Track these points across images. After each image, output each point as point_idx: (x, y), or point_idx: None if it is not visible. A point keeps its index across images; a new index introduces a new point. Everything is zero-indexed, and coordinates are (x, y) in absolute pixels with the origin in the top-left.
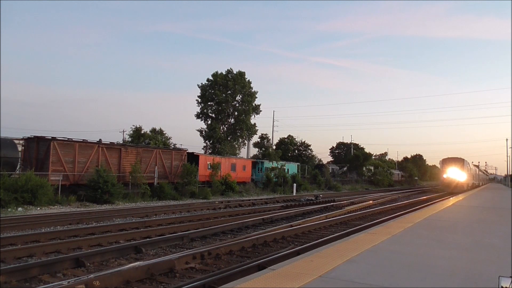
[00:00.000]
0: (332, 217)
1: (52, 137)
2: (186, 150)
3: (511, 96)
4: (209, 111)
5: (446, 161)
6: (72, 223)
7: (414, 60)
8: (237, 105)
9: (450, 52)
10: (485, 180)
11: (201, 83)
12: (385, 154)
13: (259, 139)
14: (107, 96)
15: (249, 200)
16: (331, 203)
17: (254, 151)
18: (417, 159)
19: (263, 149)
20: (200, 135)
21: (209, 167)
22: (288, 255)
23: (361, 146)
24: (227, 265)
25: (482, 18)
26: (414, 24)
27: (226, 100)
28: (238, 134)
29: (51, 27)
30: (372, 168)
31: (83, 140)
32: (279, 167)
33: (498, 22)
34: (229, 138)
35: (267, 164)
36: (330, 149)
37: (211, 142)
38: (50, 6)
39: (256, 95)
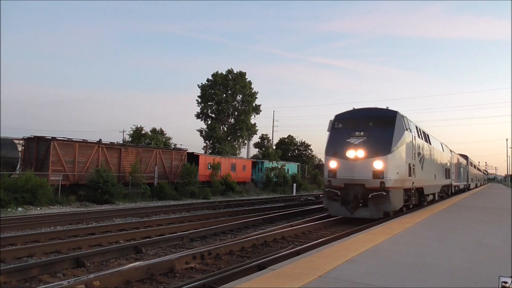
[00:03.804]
0: (332, 217)
1: (52, 137)
2: (186, 150)
3: (511, 96)
4: (209, 111)
5: (342, 121)
6: (72, 223)
7: (413, 60)
8: (237, 105)
9: (450, 52)
10: (483, 180)
11: (201, 83)
12: None
13: (259, 139)
14: (107, 96)
15: (249, 200)
16: None
17: (254, 151)
18: None
19: (263, 149)
20: (200, 135)
21: (209, 167)
22: (288, 255)
23: None
24: (227, 265)
25: (481, 18)
26: (413, 24)
27: (226, 100)
28: (238, 134)
29: (51, 27)
30: None
31: (83, 140)
32: (279, 167)
33: (497, 23)
34: (229, 138)
35: (267, 164)
36: None
37: (211, 142)
38: (50, 6)
39: (257, 95)
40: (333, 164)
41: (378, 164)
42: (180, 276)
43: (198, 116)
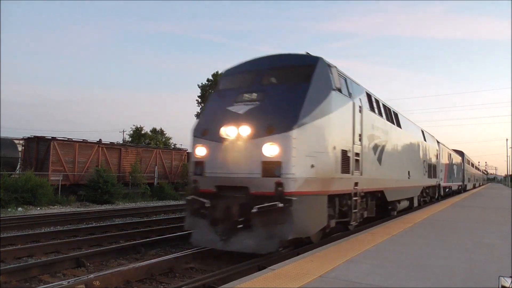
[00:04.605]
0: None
1: (52, 137)
2: (186, 150)
3: (511, 96)
4: None
5: (231, 79)
6: (72, 223)
7: (413, 60)
8: None
9: (450, 52)
10: (482, 179)
11: (201, 83)
12: None
13: None
14: (107, 96)
15: None
16: None
17: None
18: None
19: None
20: None
21: None
22: (288, 255)
23: None
24: (227, 265)
25: (481, 18)
26: (413, 24)
27: None
28: None
29: (52, 27)
30: None
31: (83, 140)
32: None
33: (497, 23)
34: None
35: None
36: None
37: None
38: (50, 6)
39: None
40: (200, 151)
41: (270, 149)
42: (180, 276)
43: (198, 116)
